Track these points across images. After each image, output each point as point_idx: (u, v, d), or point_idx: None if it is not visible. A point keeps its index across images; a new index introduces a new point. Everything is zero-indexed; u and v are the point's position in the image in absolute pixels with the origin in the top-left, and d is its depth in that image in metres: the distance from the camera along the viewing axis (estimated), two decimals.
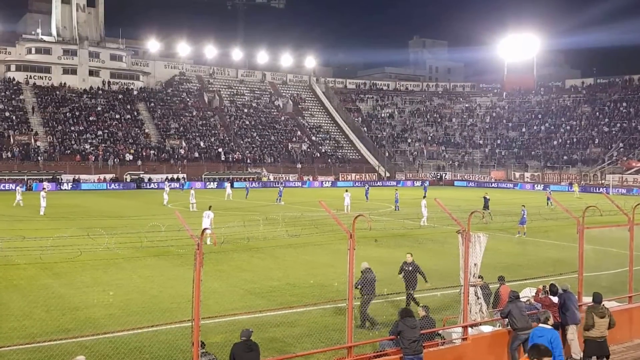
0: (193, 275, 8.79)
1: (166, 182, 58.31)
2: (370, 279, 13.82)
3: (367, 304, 13.74)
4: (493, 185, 78.45)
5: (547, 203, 43.61)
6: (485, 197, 38.93)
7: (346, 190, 42.71)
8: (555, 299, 12.26)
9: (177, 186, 64.01)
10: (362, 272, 13.98)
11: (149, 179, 68.64)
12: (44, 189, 44.24)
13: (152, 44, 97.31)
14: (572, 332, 11.75)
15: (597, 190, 61.21)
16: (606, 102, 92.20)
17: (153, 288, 17.44)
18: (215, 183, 70.06)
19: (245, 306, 15.12)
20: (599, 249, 18.94)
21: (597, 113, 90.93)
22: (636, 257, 14.59)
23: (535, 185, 74.84)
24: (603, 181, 70.09)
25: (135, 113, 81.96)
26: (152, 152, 74.56)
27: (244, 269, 20.47)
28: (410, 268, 15.34)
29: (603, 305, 11.41)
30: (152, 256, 21.69)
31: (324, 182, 77.94)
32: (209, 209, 26.92)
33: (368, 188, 53.49)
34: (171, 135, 79.47)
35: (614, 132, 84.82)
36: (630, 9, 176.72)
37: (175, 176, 70.12)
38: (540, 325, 9.61)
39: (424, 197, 38.78)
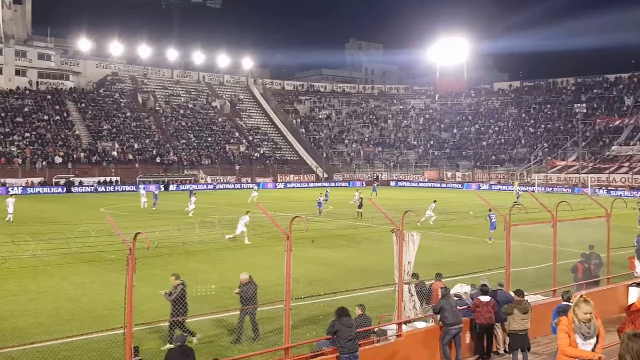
0: (125, 280, 8.63)
1: (141, 186, 55.96)
2: (251, 293, 13.03)
3: (244, 317, 13.03)
4: (427, 185, 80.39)
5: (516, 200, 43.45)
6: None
7: (357, 190, 45.92)
8: (485, 299, 12.60)
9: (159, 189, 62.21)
10: (242, 284, 13.20)
11: (80, 182, 66.46)
12: None
13: (83, 43, 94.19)
14: (498, 325, 12.23)
15: (524, 189, 63.56)
16: (532, 104, 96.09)
17: (84, 295, 16.95)
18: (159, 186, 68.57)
19: None
20: (525, 245, 19.74)
21: (524, 115, 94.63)
22: (560, 252, 15.29)
23: (477, 185, 77.08)
24: (529, 180, 72.95)
25: (65, 114, 79.15)
26: (83, 154, 72.23)
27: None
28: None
29: (526, 300, 11.92)
30: (82, 262, 21.05)
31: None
32: (247, 214, 27.04)
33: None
34: (103, 137, 77.22)
35: (539, 133, 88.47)
36: (554, 17, 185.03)
37: (107, 179, 68.20)
38: (564, 303, 11.22)
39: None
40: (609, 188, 62.98)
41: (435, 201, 34.86)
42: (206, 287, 15.12)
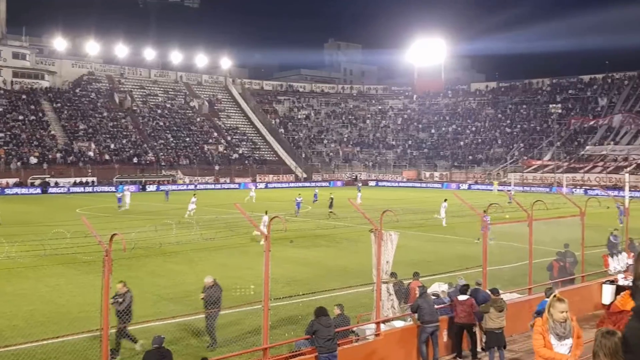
0: (102, 282, 8.55)
1: (124, 187, 54.74)
2: (216, 297, 12.79)
3: (214, 320, 12.84)
4: (406, 184, 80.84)
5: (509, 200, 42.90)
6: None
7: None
8: (462, 298, 12.69)
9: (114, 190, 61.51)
10: (207, 288, 12.94)
11: (56, 183, 65.56)
12: None
13: (59, 43, 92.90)
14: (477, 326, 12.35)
15: (503, 189, 64.20)
16: (508, 104, 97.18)
17: (60, 297, 16.75)
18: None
19: (158, 312, 14.79)
20: (502, 243, 19.97)
21: (500, 115, 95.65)
22: (535, 251, 15.49)
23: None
24: (505, 179, 73.77)
25: (41, 114, 77.97)
26: (58, 154, 71.23)
27: (157, 274, 20.03)
28: None
29: (501, 298, 12.06)
30: (58, 264, 20.77)
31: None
32: (266, 214, 26.79)
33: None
34: (79, 137, 76.23)
35: (515, 133, 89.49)
36: (529, 19, 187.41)
37: (84, 180, 67.37)
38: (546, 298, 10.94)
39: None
40: (586, 187, 63.85)
41: (446, 200, 34.18)
42: (246, 287, 15.25)
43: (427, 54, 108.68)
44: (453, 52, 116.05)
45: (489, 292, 12.40)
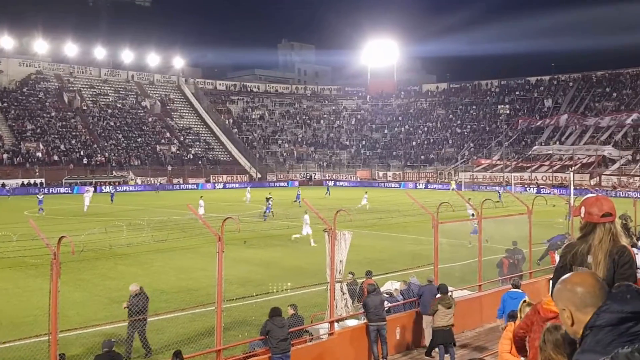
0: (50, 286, 8.37)
1: (86, 188, 53.05)
2: (141, 305, 12.20)
3: (143, 329, 12.31)
4: (365, 184, 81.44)
5: (499, 199, 42.66)
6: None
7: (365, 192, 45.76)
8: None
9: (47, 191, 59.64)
10: (132, 296, 12.32)
11: (2, 185, 63.40)
12: None
13: (5, 41, 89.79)
14: (426, 321, 12.58)
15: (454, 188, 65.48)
16: (458, 105, 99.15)
17: (6, 302, 16.26)
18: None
19: (109, 316, 14.52)
20: (452, 241, 20.38)
21: (451, 116, 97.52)
22: (485, 248, 15.89)
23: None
24: (456, 178, 75.25)
25: None
26: (5, 155, 68.95)
27: (108, 277, 19.65)
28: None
29: (449, 295, 12.31)
30: (4, 268, 20.14)
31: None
32: (306, 213, 27.12)
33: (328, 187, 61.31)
34: (27, 138, 73.95)
35: (465, 133, 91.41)
36: (478, 22, 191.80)
37: (32, 181, 65.40)
38: (513, 289, 11.48)
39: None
40: (541, 187, 65.47)
41: (366, 192, 35.29)
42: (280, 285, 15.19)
43: (380, 55, 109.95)
44: (405, 53, 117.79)
45: (437, 290, 12.61)
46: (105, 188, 63.22)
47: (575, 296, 2.43)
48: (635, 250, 4.97)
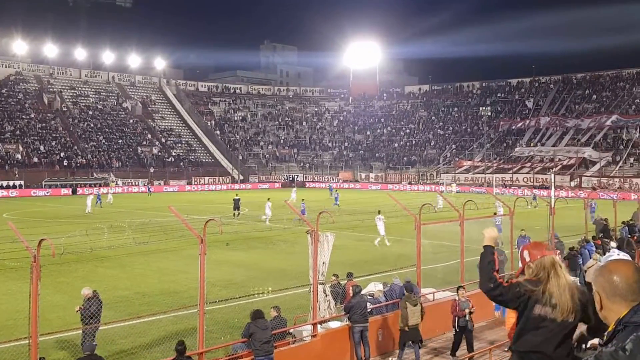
0: (30, 289, 8.28)
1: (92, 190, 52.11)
2: (94, 310, 11.77)
3: (94, 335, 11.76)
4: (343, 185, 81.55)
5: (533, 202, 41.45)
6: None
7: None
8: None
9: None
10: (85, 300, 11.89)
11: None
12: None
13: None
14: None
15: (434, 189, 65.84)
16: (440, 107, 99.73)
17: None
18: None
19: None
20: (435, 243, 20.50)
21: (433, 117, 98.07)
22: (466, 250, 15.99)
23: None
24: (438, 179, 75.63)
25: None
26: None
27: (89, 280, 19.41)
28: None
29: (414, 293, 12.36)
30: None
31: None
32: (379, 213, 27.03)
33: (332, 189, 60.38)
34: (6, 139, 72.96)
35: (447, 135, 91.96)
36: (460, 24, 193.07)
37: (11, 183, 64.54)
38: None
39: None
40: (525, 188, 66.00)
41: (269, 199, 35.30)
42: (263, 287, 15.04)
43: (362, 56, 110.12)
44: (387, 55, 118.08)
45: (404, 289, 12.64)
46: (84, 190, 62.55)
47: (608, 283, 2.36)
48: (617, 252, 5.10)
